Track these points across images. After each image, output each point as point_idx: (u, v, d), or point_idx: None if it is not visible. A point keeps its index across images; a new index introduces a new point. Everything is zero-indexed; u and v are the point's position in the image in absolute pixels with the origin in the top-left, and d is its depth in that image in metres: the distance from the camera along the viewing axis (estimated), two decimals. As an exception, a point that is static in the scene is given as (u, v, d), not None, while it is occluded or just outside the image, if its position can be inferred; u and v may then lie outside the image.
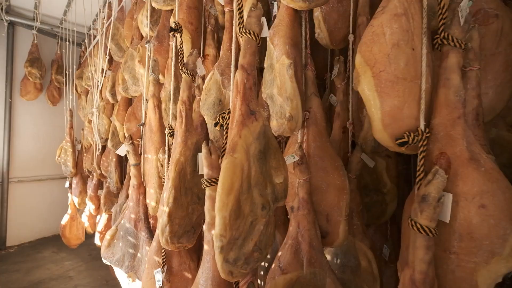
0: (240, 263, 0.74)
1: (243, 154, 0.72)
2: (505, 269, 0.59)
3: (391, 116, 0.76)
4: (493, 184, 0.60)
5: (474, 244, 0.60)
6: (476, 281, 0.61)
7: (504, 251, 0.57)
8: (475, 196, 0.60)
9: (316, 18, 1.29)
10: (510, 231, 0.57)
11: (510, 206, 0.58)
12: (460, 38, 0.72)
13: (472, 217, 0.60)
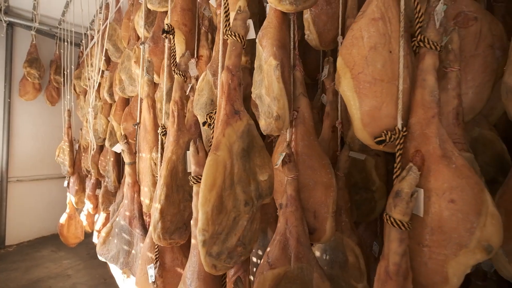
0: (223, 257, 0.77)
1: (226, 152, 0.75)
2: (472, 260, 0.62)
3: (370, 116, 0.79)
4: (462, 180, 0.63)
5: (444, 237, 0.63)
6: (447, 273, 0.64)
7: (471, 243, 0.61)
8: (445, 192, 0.63)
9: (306, 20, 1.32)
10: (476, 225, 0.60)
11: (477, 201, 0.61)
12: (436, 40, 0.75)
13: (442, 212, 0.63)
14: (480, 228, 0.60)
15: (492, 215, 0.61)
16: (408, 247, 0.70)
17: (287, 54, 1.05)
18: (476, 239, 0.60)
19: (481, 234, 0.60)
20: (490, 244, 0.60)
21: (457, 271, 0.63)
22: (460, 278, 0.64)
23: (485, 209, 0.61)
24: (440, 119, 0.71)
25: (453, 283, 0.65)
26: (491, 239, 0.60)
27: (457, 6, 0.98)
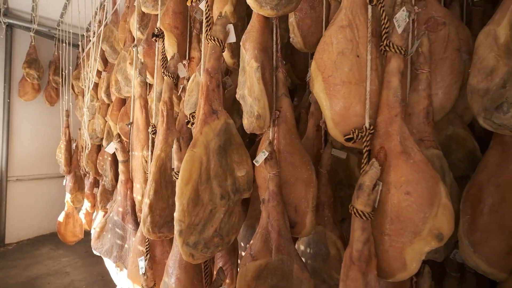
0: (200, 246, 0.83)
1: (203, 149, 0.81)
2: (426, 247, 0.68)
3: (339, 116, 0.85)
4: (418, 174, 0.69)
5: (401, 226, 0.69)
6: (405, 259, 0.70)
7: (424, 232, 0.66)
8: (402, 184, 0.69)
9: (291, 24, 1.38)
10: (429, 215, 0.66)
11: (431, 193, 0.67)
12: (400, 45, 0.81)
13: (399, 203, 0.69)
14: (432, 218, 0.66)
15: (444, 206, 0.66)
16: (373, 236, 0.76)
17: (268, 56, 1.11)
18: (428, 228, 0.66)
19: (432, 223, 0.66)
20: (441, 233, 0.66)
21: (413, 257, 0.69)
22: (417, 264, 0.70)
23: (437, 201, 0.67)
24: (403, 118, 0.77)
25: (411, 269, 0.71)
26: (442, 228, 0.66)
27: (428, 12, 1.04)
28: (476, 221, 0.84)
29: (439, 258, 0.97)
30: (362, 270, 0.71)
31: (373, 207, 0.72)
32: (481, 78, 0.81)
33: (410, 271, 0.71)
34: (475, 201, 0.86)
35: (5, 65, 4.28)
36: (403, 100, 0.79)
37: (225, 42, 0.97)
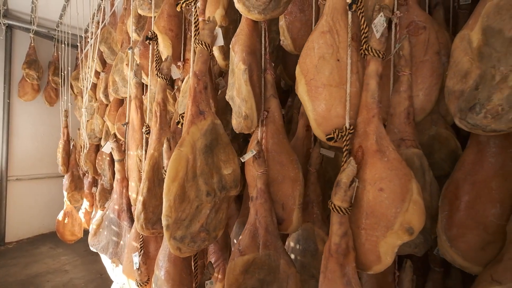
0: (187, 240, 0.87)
1: (189, 148, 0.85)
2: (398, 241, 0.72)
3: (321, 117, 0.89)
4: (392, 171, 0.73)
5: (375, 220, 0.73)
6: (379, 252, 0.74)
7: (395, 226, 0.70)
8: (376, 181, 0.73)
9: (281, 27, 1.42)
10: (400, 210, 0.70)
11: (403, 190, 0.71)
12: (378, 49, 0.85)
13: (373, 198, 0.73)
14: (403, 213, 0.70)
15: (415, 202, 0.70)
16: (352, 230, 0.80)
17: (256, 59, 1.14)
18: (400, 222, 0.70)
19: (403, 218, 0.70)
20: (411, 227, 0.70)
21: (386, 250, 0.73)
22: (390, 256, 0.74)
23: (409, 197, 0.71)
24: (380, 118, 0.81)
25: (385, 261, 0.75)
26: (412, 222, 0.70)
27: (409, 16, 1.07)
28: (453, 217, 0.88)
29: (419, 253, 1.00)
30: (339, 262, 0.75)
31: (350, 202, 0.76)
32: (456, 81, 0.85)
33: (385, 263, 0.75)
34: (452, 198, 0.90)
35: (5, 66, 4.32)
36: (381, 102, 0.83)
37: (212, 46, 1.01)
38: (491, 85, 0.74)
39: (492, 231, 0.83)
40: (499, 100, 0.72)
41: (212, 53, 0.98)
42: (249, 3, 1.06)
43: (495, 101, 0.73)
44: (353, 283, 0.76)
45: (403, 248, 1.03)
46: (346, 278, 0.76)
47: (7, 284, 3.16)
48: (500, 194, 0.83)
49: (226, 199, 1.08)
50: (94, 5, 3.31)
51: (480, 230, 0.84)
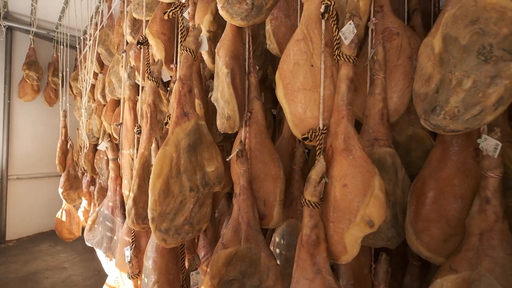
0: (171, 232, 0.94)
1: (173, 147, 0.92)
2: (359, 233, 0.78)
3: (297, 118, 0.95)
4: (355, 168, 0.79)
5: (341, 214, 0.79)
6: (345, 243, 0.80)
7: (357, 219, 0.76)
8: (341, 178, 0.79)
9: (267, 31, 1.48)
10: (361, 204, 0.76)
11: (365, 186, 0.77)
12: (349, 54, 0.91)
13: (339, 193, 0.79)
14: (364, 206, 0.76)
15: (375, 197, 0.76)
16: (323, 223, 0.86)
17: (239, 63, 1.21)
18: (361, 215, 0.76)
19: (364, 212, 0.76)
20: (371, 220, 0.76)
21: (351, 241, 0.79)
22: (355, 247, 0.80)
23: (370, 192, 0.77)
24: (349, 119, 0.87)
25: (351, 252, 0.81)
26: (372, 215, 0.76)
27: (384, 23, 1.14)
28: (419, 212, 0.94)
29: (392, 246, 1.07)
30: (310, 252, 0.82)
31: (319, 197, 0.83)
32: (421, 84, 0.91)
33: (351, 254, 0.81)
34: (419, 193, 0.96)
35: (5, 67, 4.39)
36: (350, 104, 0.89)
37: (197, 52, 1.07)
38: (449, 89, 0.80)
39: (454, 225, 0.89)
40: (455, 103, 0.78)
41: (197, 58, 1.04)
42: (232, 10, 1.13)
43: (452, 104, 0.79)
44: (323, 271, 0.83)
45: (377, 241, 1.10)
46: (317, 267, 0.82)
47: (8, 280, 3.23)
48: (462, 190, 0.89)
49: (211, 194, 1.14)
50: (92, 7, 3.38)
51: (443, 224, 0.90)
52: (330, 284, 0.79)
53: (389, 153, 1.06)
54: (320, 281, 0.79)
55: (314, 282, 0.79)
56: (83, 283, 3.22)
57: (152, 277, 1.06)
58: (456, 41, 0.79)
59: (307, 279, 0.80)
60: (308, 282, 0.80)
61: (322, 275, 0.82)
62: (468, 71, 0.76)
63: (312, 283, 0.79)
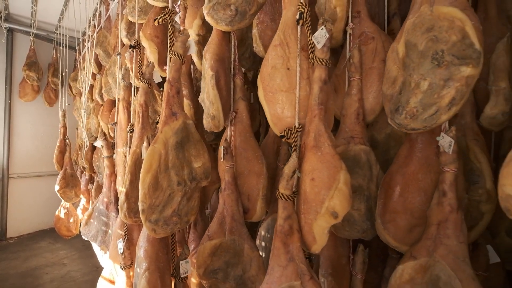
0: (161, 223, 1.01)
1: (162, 145, 0.99)
2: (325, 223, 0.84)
3: (276, 117, 1.02)
4: (323, 164, 0.86)
5: (309, 206, 0.86)
6: (314, 233, 0.87)
7: (322, 210, 0.83)
8: (309, 172, 0.86)
9: (254, 34, 1.55)
10: (326, 197, 0.83)
11: (330, 180, 0.84)
12: (322, 57, 0.97)
13: (308, 187, 0.86)
14: (329, 199, 0.83)
15: (339, 190, 0.83)
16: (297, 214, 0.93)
17: (224, 66, 1.28)
18: (326, 207, 0.83)
19: (328, 204, 0.83)
20: (335, 211, 0.83)
21: (318, 231, 0.86)
22: (322, 237, 0.87)
23: (335, 186, 0.84)
24: (320, 118, 0.94)
25: (319, 241, 0.88)
26: (336, 207, 0.83)
27: (361, 27, 1.21)
28: (387, 204, 1.01)
29: (367, 237, 1.14)
30: (283, 241, 0.89)
31: (291, 190, 0.90)
32: (388, 86, 0.98)
33: (320, 244, 0.88)
34: (387, 187, 1.03)
35: (6, 68, 4.48)
36: (322, 104, 0.96)
37: (185, 56, 1.15)
38: (409, 90, 0.87)
39: (417, 216, 0.96)
40: (414, 103, 0.86)
41: (184, 62, 1.11)
42: (217, 16, 1.20)
43: (411, 104, 0.86)
44: (296, 259, 0.90)
45: (353, 233, 1.17)
46: (290, 255, 0.89)
47: (8, 276, 3.31)
48: (425, 184, 0.96)
49: (198, 189, 1.22)
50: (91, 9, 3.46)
51: (407, 215, 0.97)
52: (302, 271, 0.86)
53: (363, 150, 1.13)
54: (292, 268, 0.86)
55: (287, 269, 0.86)
56: (81, 279, 3.30)
57: (143, 265, 1.13)
58: (415, 47, 0.86)
59: (280, 266, 0.87)
60: (281, 268, 0.87)
61: (295, 262, 0.89)
62: (424, 74, 0.83)
63: (285, 270, 0.86)
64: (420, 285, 0.86)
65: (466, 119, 1.17)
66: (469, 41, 0.75)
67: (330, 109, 1.08)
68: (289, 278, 0.84)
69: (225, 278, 1.25)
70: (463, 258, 0.81)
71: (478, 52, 0.75)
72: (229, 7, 1.20)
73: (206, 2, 1.21)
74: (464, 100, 0.80)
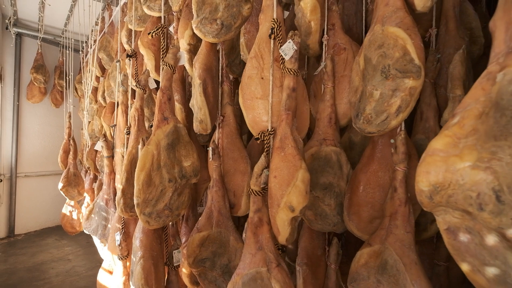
0: (154, 216, 1.14)
1: (154, 146, 1.12)
2: (285, 216, 0.95)
3: (253, 122, 1.15)
4: (284, 163, 0.97)
5: (273, 200, 0.98)
6: (278, 225, 0.99)
7: (281, 204, 0.95)
8: (273, 171, 0.98)
9: (241, 43, 1.68)
10: (285, 192, 0.94)
11: (289, 177, 0.94)
12: (290, 67, 1.08)
13: (272, 184, 0.98)
14: (287, 194, 0.94)
15: (296, 187, 0.94)
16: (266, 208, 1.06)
17: (211, 74, 1.41)
18: (284, 202, 0.95)
19: (287, 199, 0.94)
20: (292, 205, 0.94)
21: (280, 224, 0.98)
22: (284, 229, 0.98)
23: (293, 182, 0.95)
24: (287, 122, 1.05)
25: (283, 233, 0.99)
26: (292, 202, 0.94)
27: (335, 39, 1.32)
28: (352, 198, 1.13)
29: (338, 230, 1.25)
30: (253, 232, 1.01)
31: (259, 186, 1.02)
32: (352, 94, 1.10)
33: (283, 235, 0.99)
34: (353, 184, 1.15)
35: (15, 71, 4.67)
36: (289, 109, 1.07)
37: (175, 67, 1.28)
38: (365, 99, 0.99)
39: (377, 209, 1.08)
40: (369, 110, 0.97)
41: (175, 71, 1.24)
42: (204, 29, 1.33)
43: (367, 111, 0.98)
44: (265, 248, 1.02)
45: (325, 226, 1.29)
46: (259, 244, 1.01)
47: (16, 270, 3.48)
48: (383, 181, 1.08)
49: (189, 185, 1.35)
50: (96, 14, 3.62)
51: (369, 208, 1.09)
52: (270, 259, 0.98)
53: (334, 151, 1.25)
54: (261, 256, 0.98)
55: (256, 256, 0.98)
56: (85, 273, 3.46)
57: (139, 253, 1.26)
58: (370, 61, 0.98)
59: (250, 254, 1.00)
60: (251, 256, 0.99)
61: (264, 251, 1.01)
62: (376, 85, 0.94)
63: (254, 257, 0.99)
64: (373, 268, 0.98)
65: (429, 122, 1.28)
66: (410, 57, 0.87)
67: (304, 113, 1.20)
68: (257, 264, 0.96)
69: (212, 267, 1.38)
70: (408, 246, 0.92)
71: (417, 67, 0.87)
72: (215, 21, 1.33)
73: (195, 17, 1.34)
74: (410, 108, 0.92)
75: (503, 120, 0.52)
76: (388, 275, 0.96)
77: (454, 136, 0.57)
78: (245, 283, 0.95)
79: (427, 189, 0.59)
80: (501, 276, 0.52)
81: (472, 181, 0.53)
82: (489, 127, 0.53)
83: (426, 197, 0.60)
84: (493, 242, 0.52)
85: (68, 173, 3.14)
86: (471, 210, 0.54)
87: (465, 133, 0.56)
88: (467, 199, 0.54)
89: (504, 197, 0.50)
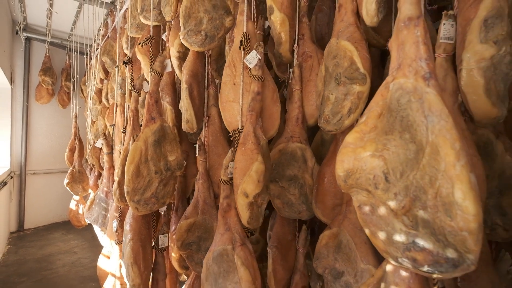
0: (142, 203, 1.32)
1: (143, 142, 1.30)
2: (242, 201, 1.10)
3: (228, 122, 1.32)
4: (243, 156, 1.13)
5: (235, 188, 1.15)
6: (238, 209, 1.15)
7: (238, 191, 1.10)
8: (236, 162, 1.15)
9: (226, 51, 1.84)
10: (241, 181, 1.09)
11: (246, 168, 1.09)
12: (255, 74, 1.23)
13: (234, 174, 1.15)
14: (243, 183, 1.11)
15: (249, 176, 1.09)
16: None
17: (198, 79, 1.58)
18: (240, 189, 1.11)
19: (242, 186, 1.10)
20: (246, 192, 1.10)
21: (240, 208, 1.13)
22: (243, 212, 1.13)
23: (248, 173, 1.11)
24: (251, 122, 1.21)
25: (243, 216, 1.14)
26: (246, 189, 1.09)
27: (304, 48, 1.48)
28: (318, 189, 1.29)
29: (303, 217, 1.41)
30: (222, 215, 1.18)
31: (227, 176, 1.19)
32: (317, 97, 1.26)
33: (244, 218, 1.15)
34: (319, 176, 1.31)
35: (24, 73, 4.91)
36: (252, 110, 1.23)
37: (162, 74, 1.45)
38: (324, 102, 1.15)
39: (338, 198, 1.23)
40: (327, 112, 1.14)
41: (162, 77, 1.42)
42: (190, 40, 1.50)
43: (325, 112, 1.14)
44: (232, 229, 1.18)
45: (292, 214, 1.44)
46: (227, 226, 1.18)
47: (26, 261, 3.70)
48: (342, 173, 1.24)
49: (174, 177, 1.52)
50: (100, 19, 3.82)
51: (332, 197, 1.25)
52: (235, 239, 1.15)
53: (299, 147, 1.40)
54: (228, 236, 1.15)
55: (224, 236, 1.15)
56: (89, 265, 3.66)
57: (129, 236, 1.44)
58: (328, 69, 1.14)
59: (220, 234, 1.17)
60: (220, 236, 1.16)
61: (231, 232, 1.18)
62: (331, 90, 1.11)
63: (222, 237, 1.16)
64: (331, 248, 1.14)
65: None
66: (356, 66, 1.03)
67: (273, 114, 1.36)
68: (224, 242, 1.13)
69: (198, 250, 1.55)
70: (360, 228, 1.08)
71: (363, 74, 1.03)
72: (200, 33, 1.50)
73: (182, 29, 1.51)
74: (359, 109, 1.08)
75: (391, 119, 0.68)
76: (343, 253, 1.13)
77: (361, 132, 0.73)
78: (214, 258, 1.12)
79: (343, 174, 0.75)
80: (390, 238, 0.68)
81: (371, 166, 0.69)
82: (383, 125, 0.70)
83: (342, 181, 0.76)
84: (384, 212, 0.68)
85: (73, 170, 3.35)
86: (371, 189, 0.70)
87: (368, 129, 0.72)
88: (368, 180, 0.70)
89: (390, 178, 0.66)
